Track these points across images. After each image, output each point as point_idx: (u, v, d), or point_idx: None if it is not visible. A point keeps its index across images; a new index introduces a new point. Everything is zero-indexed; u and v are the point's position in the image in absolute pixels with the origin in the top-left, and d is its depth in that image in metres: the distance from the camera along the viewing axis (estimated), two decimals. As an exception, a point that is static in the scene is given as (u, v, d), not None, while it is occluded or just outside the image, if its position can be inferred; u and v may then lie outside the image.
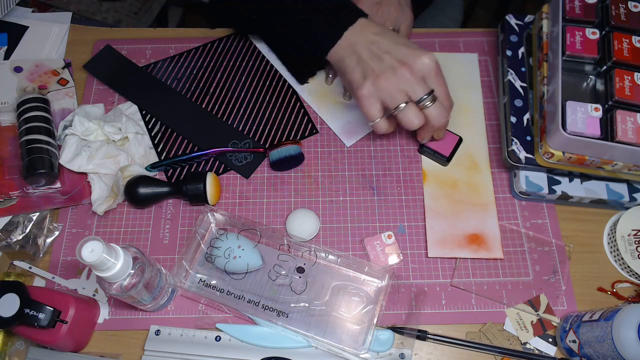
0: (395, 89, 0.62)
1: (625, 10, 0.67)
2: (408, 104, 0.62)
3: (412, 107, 0.63)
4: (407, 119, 0.63)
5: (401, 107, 0.62)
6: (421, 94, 0.62)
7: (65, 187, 0.70)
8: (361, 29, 0.65)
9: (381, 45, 0.63)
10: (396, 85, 0.62)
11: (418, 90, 0.62)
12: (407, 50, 0.63)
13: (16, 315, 0.54)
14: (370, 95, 0.63)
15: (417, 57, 0.62)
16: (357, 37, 0.65)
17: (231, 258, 0.63)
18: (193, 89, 0.78)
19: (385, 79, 0.62)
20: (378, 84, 0.62)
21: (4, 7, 0.82)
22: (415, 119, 0.63)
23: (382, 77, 0.62)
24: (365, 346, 0.60)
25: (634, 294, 0.65)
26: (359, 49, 0.64)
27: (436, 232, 0.68)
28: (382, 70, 0.62)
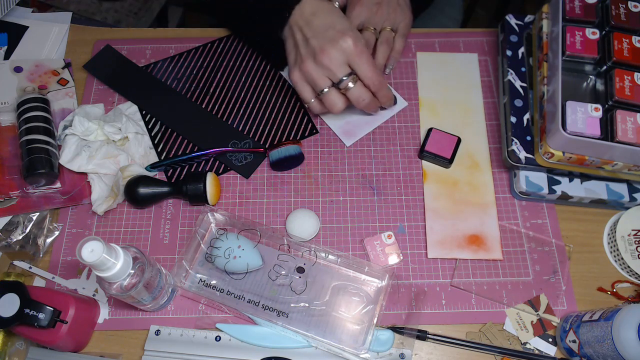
0: (317, 74, 0.65)
1: (625, 10, 0.67)
2: (330, 88, 0.66)
3: (333, 91, 0.66)
4: (330, 102, 0.67)
5: (325, 91, 0.66)
6: (339, 77, 0.65)
7: (65, 187, 0.70)
8: (303, 8, 0.67)
9: (312, 26, 0.66)
10: (317, 71, 0.65)
11: (337, 75, 0.65)
12: (330, 33, 0.65)
13: (16, 315, 0.54)
14: (299, 79, 0.67)
15: (335, 43, 0.64)
16: (297, 17, 0.67)
17: (231, 258, 0.63)
18: (193, 89, 0.78)
19: (308, 65, 0.65)
20: (303, 69, 0.66)
21: (4, 7, 0.82)
22: (338, 102, 0.67)
23: (306, 62, 0.65)
24: (365, 346, 0.60)
25: (634, 294, 0.65)
26: (295, 31, 0.67)
27: (436, 232, 0.68)
28: (307, 56, 0.66)
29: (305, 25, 0.66)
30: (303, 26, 0.66)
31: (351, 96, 0.67)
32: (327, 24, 0.65)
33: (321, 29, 0.65)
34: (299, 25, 0.66)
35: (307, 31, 0.66)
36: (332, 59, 0.64)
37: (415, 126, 0.76)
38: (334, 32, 0.64)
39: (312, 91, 0.68)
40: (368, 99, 0.68)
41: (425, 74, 0.79)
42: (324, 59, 0.64)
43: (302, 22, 0.66)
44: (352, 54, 0.64)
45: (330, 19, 0.66)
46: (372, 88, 0.67)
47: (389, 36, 0.76)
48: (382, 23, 0.75)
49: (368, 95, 0.67)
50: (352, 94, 0.66)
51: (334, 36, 0.64)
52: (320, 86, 0.66)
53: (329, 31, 0.64)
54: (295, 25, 0.67)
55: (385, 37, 0.75)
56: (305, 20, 0.66)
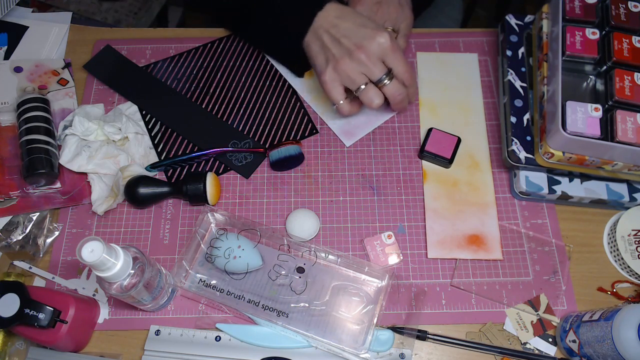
0: (354, 72, 0.65)
1: (625, 10, 0.67)
2: (368, 85, 0.66)
3: (371, 87, 0.67)
4: (368, 99, 0.67)
5: (362, 88, 0.66)
6: (379, 75, 0.66)
7: (65, 187, 0.70)
8: (327, 13, 0.67)
9: (341, 28, 0.66)
10: (354, 68, 0.65)
11: (375, 72, 0.65)
12: (364, 31, 0.65)
13: (16, 315, 0.54)
14: (333, 80, 0.67)
15: (372, 39, 0.64)
16: (321, 22, 0.67)
17: (231, 258, 0.63)
18: (193, 89, 0.78)
19: (344, 63, 0.65)
20: (338, 68, 0.66)
21: (4, 7, 0.82)
22: (375, 98, 0.67)
23: (341, 61, 0.65)
24: (365, 346, 0.60)
25: (634, 294, 0.65)
26: (321, 34, 0.67)
27: (436, 232, 0.68)
28: (341, 55, 0.65)
29: (332, 27, 0.66)
30: (330, 28, 0.66)
31: (388, 92, 0.67)
32: (357, 24, 0.66)
33: (352, 29, 0.65)
34: (325, 28, 0.67)
35: (335, 32, 0.66)
36: (370, 55, 0.64)
37: (415, 126, 0.76)
38: (368, 30, 0.65)
39: (342, 92, 0.68)
40: (404, 95, 0.68)
41: (425, 74, 0.79)
42: (361, 55, 0.64)
43: (329, 25, 0.66)
44: (389, 50, 0.65)
45: (360, 20, 0.66)
46: (407, 83, 0.68)
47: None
48: (383, 23, 0.75)
49: (404, 90, 0.68)
50: (389, 89, 0.67)
51: (370, 33, 0.64)
52: (358, 83, 0.66)
53: (362, 29, 0.65)
54: (320, 29, 0.67)
55: None
56: (332, 23, 0.66)
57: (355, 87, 0.66)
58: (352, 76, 0.66)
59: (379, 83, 0.66)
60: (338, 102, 0.69)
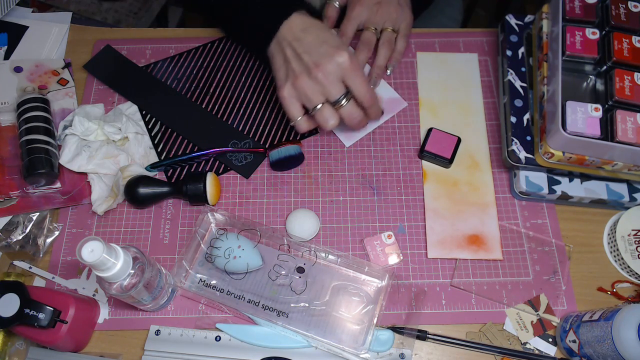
0: (311, 90, 0.63)
1: (625, 10, 0.67)
2: (324, 105, 0.64)
3: (327, 107, 0.65)
4: (323, 119, 0.65)
5: (317, 108, 0.64)
6: (336, 95, 0.64)
7: (65, 187, 0.70)
8: (292, 24, 0.65)
9: (304, 43, 0.64)
10: (312, 87, 0.63)
11: (332, 92, 0.63)
12: (325, 49, 0.63)
13: (16, 315, 0.54)
14: (290, 96, 0.65)
15: (331, 58, 0.62)
16: (285, 33, 0.65)
17: (231, 258, 0.63)
18: (193, 89, 0.78)
19: (302, 81, 0.63)
20: (296, 85, 0.64)
21: (4, 7, 0.82)
22: (330, 119, 0.65)
23: (300, 78, 0.63)
24: (365, 346, 0.60)
25: (634, 294, 0.65)
26: (284, 47, 0.65)
27: (436, 232, 0.68)
28: (300, 72, 0.63)
29: (295, 40, 0.64)
30: (293, 42, 0.64)
31: (343, 113, 0.65)
32: (320, 39, 0.64)
33: (314, 44, 0.63)
34: (288, 40, 0.65)
35: (297, 47, 0.64)
36: (328, 74, 0.62)
37: (415, 126, 0.76)
38: (328, 47, 0.63)
39: (300, 109, 0.66)
40: (360, 117, 0.66)
41: (425, 74, 0.79)
42: (319, 74, 0.62)
43: (292, 37, 0.64)
44: (348, 70, 0.62)
45: (323, 35, 0.64)
46: (366, 104, 0.66)
47: (391, 37, 0.76)
48: (382, 23, 0.75)
49: (360, 113, 0.66)
50: (345, 111, 0.65)
51: (329, 51, 0.62)
52: (314, 102, 0.64)
53: (323, 46, 0.63)
54: (284, 41, 0.65)
55: (387, 38, 0.75)
56: (295, 36, 0.64)
57: (311, 106, 0.64)
58: (309, 95, 0.63)
59: (336, 104, 0.64)
60: (295, 119, 0.66)
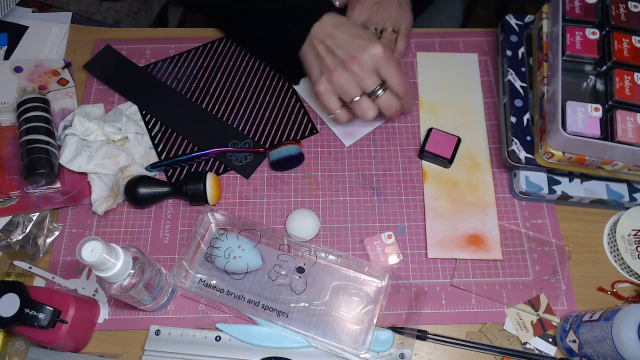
0: (348, 83, 0.65)
1: (625, 10, 0.67)
2: (361, 97, 0.66)
3: (364, 99, 0.66)
4: (362, 111, 0.67)
5: (355, 100, 0.66)
6: (372, 87, 0.65)
7: (65, 187, 0.70)
8: (323, 23, 0.67)
9: (336, 39, 0.65)
10: (348, 79, 0.65)
11: (368, 83, 0.65)
12: (358, 42, 0.64)
13: (16, 315, 0.54)
14: (327, 90, 0.66)
15: (365, 50, 0.64)
16: (317, 32, 0.67)
17: (231, 258, 0.63)
18: (193, 89, 0.78)
19: (337, 75, 0.65)
20: (332, 79, 0.65)
21: (4, 7, 0.82)
22: (369, 111, 0.66)
23: (335, 72, 0.65)
24: (365, 346, 0.60)
25: (634, 294, 0.65)
26: (316, 44, 0.67)
27: (436, 233, 0.68)
28: (335, 66, 0.65)
29: (327, 37, 0.66)
30: (325, 39, 0.66)
31: (381, 104, 0.66)
32: (352, 34, 0.65)
33: (346, 39, 0.65)
34: (320, 38, 0.66)
35: (330, 43, 0.65)
36: (363, 66, 0.64)
37: (415, 126, 0.76)
38: (361, 40, 0.64)
39: (338, 101, 0.67)
40: (397, 107, 0.67)
41: (425, 74, 0.79)
42: (354, 67, 0.63)
43: (324, 35, 0.66)
44: (382, 61, 0.64)
45: (355, 30, 0.66)
46: (401, 94, 0.67)
47: (391, 37, 0.76)
48: (382, 23, 0.75)
49: (397, 102, 0.67)
50: (382, 101, 0.66)
51: (363, 44, 0.64)
52: (351, 95, 0.65)
53: (356, 40, 0.64)
54: (316, 39, 0.66)
55: (387, 38, 0.75)
56: (327, 34, 0.66)
57: (349, 99, 0.66)
58: (346, 88, 0.65)
59: (372, 95, 0.65)
60: (334, 112, 0.68)
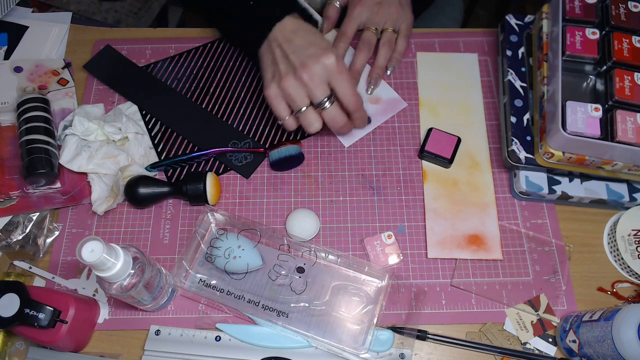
0: (296, 92, 0.63)
1: (625, 10, 0.67)
2: (308, 108, 0.64)
3: (310, 111, 0.64)
4: (307, 122, 0.65)
5: (302, 110, 0.64)
6: (319, 97, 0.63)
7: (65, 187, 0.70)
8: (284, 26, 0.65)
9: (292, 44, 0.64)
10: (297, 88, 0.63)
11: (316, 93, 0.63)
12: (312, 50, 0.63)
13: (16, 315, 0.54)
14: (276, 95, 0.65)
15: (317, 59, 0.62)
16: (277, 34, 0.65)
17: (231, 258, 0.63)
18: (193, 89, 0.78)
19: (287, 81, 0.63)
20: (282, 85, 0.63)
21: (4, 7, 0.82)
22: (314, 123, 0.65)
23: (285, 79, 0.63)
24: (365, 346, 0.60)
25: (634, 294, 0.65)
26: (274, 48, 0.65)
27: (436, 233, 0.68)
28: (286, 72, 0.63)
29: (285, 41, 0.64)
30: (283, 42, 0.64)
31: (326, 116, 0.65)
32: (308, 41, 0.64)
33: (303, 46, 0.63)
34: (278, 41, 0.65)
35: (287, 47, 0.64)
36: (313, 75, 0.62)
37: (415, 126, 0.76)
38: (316, 49, 0.63)
39: (287, 108, 0.66)
40: (342, 122, 0.66)
41: (425, 74, 0.79)
42: (304, 75, 0.62)
43: (282, 38, 0.65)
44: (334, 71, 0.62)
45: (313, 37, 0.64)
46: (350, 108, 0.65)
47: (391, 37, 0.76)
48: (383, 23, 0.75)
49: (343, 118, 0.65)
50: (328, 114, 0.64)
51: (316, 52, 0.62)
52: (298, 105, 0.64)
53: (311, 48, 0.63)
54: (274, 42, 0.65)
55: (388, 38, 0.75)
56: (286, 37, 0.64)
57: (296, 108, 0.64)
58: (293, 96, 0.63)
59: (319, 106, 0.64)
60: (283, 119, 0.66)
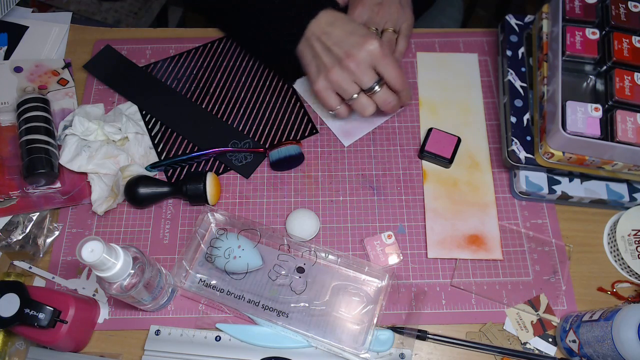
0: (345, 81, 0.65)
1: (625, 10, 0.67)
2: (360, 94, 0.66)
3: (362, 96, 0.67)
4: (360, 108, 0.67)
5: (354, 97, 0.66)
6: (369, 83, 0.65)
7: (65, 187, 0.70)
8: (319, 20, 0.67)
9: (332, 36, 0.65)
10: (345, 77, 0.65)
11: (365, 80, 0.65)
12: (353, 39, 0.64)
13: (16, 315, 0.54)
14: (325, 88, 0.67)
15: (361, 47, 0.64)
16: (314, 29, 0.67)
17: (231, 258, 0.63)
18: (193, 89, 0.78)
19: (334, 73, 0.65)
20: (329, 77, 0.65)
21: (4, 7, 0.82)
22: (368, 107, 0.67)
23: (332, 71, 0.65)
24: (365, 346, 0.60)
25: (634, 294, 0.65)
26: (313, 42, 0.67)
27: (436, 233, 0.68)
28: (332, 64, 0.65)
29: (323, 35, 0.66)
30: (321, 36, 0.66)
31: (378, 100, 0.67)
32: (347, 31, 0.65)
33: (342, 36, 0.65)
34: (316, 35, 0.66)
35: (326, 40, 0.65)
36: (360, 63, 0.64)
37: (415, 126, 0.76)
38: (357, 37, 0.64)
39: (337, 98, 0.68)
40: (394, 102, 0.68)
41: (425, 74, 0.79)
42: (351, 64, 0.63)
43: (320, 32, 0.66)
44: (379, 57, 0.64)
45: (350, 27, 0.66)
46: (399, 88, 0.67)
47: (392, 37, 0.75)
48: (383, 23, 0.75)
49: (394, 97, 0.67)
50: (379, 97, 0.66)
51: (359, 41, 0.64)
52: (349, 93, 0.66)
53: (352, 37, 0.64)
54: (312, 37, 0.66)
55: (388, 38, 0.75)
56: (323, 31, 0.66)
57: (348, 97, 0.66)
58: (344, 85, 0.65)
59: (370, 91, 0.66)
60: (334, 109, 0.69)
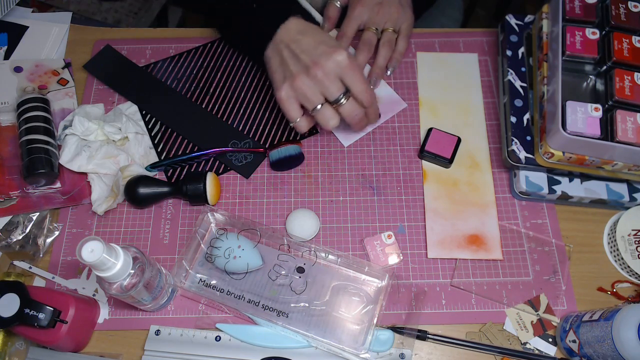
0: (310, 90, 0.63)
1: (625, 10, 0.67)
2: (324, 105, 0.64)
3: (327, 107, 0.64)
4: (324, 119, 0.65)
5: (317, 108, 0.64)
6: (335, 94, 0.63)
7: (65, 187, 0.70)
8: (289, 27, 0.65)
9: (301, 43, 0.64)
10: (311, 86, 0.63)
11: (332, 91, 0.63)
12: (322, 48, 0.63)
13: (16, 315, 0.54)
14: (288, 97, 0.64)
15: (329, 56, 0.62)
16: (283, 36, 0.65)
17: (231, 258, 0.63)
18: (193, 89, 0.78)
19: (300, 80, 0.63)
20: (294, 85, 0.63)
21: (4, 7, 0.82)
22: (331, 119, 0.65)
23: (298, 78, 0.63)
24: (365, 346, 0.60)
25: (634, 294, 0.65)
26: (282, 49, 0.65)
27: (436, 233, 0.68)
28: (298, 71, 0.63)
29: (293, 42, 0.64)
30: (290, 43, 0.64)
31: (344, 112, 0.65)
32: (317, 40, 0.64)
33: (312, 45, 0.63)
34: (285, 42, 0.65)
35: (295, 47, 0.64)
36: (327, 72, 0.62)
37: (415, 126, 0.76)
38: (326, 47, 0.63)
39: (299, 109, 0.66)
40: (360, 115, 0.66)
41: (425, 74, 0.79)
42: (318, 73, 0.62)
43: (289, 39, 0.64)
44: (347, 68, 0.62)
45: (320, 37, 0.64)
46: (365, 104, 0.65)
47: (392, 37, 0.76)
48: (383, 23, 0.75)
49: (361, 110, 0.66)
50: (345, 109, 0.64)
51: (328, 50, 0.62)
52: (314, 102, 0.63)
53: (321, 46, 0.63)
54: (281, 43, 0.65)
55: (388, 38, 0.75)
56: (293, 38, 0.64)
57: (311, 107, 0.64)
58: (308, 94, 0.63)
59: (335, 103, 0.64)
60: (294, 120, 0.66)
